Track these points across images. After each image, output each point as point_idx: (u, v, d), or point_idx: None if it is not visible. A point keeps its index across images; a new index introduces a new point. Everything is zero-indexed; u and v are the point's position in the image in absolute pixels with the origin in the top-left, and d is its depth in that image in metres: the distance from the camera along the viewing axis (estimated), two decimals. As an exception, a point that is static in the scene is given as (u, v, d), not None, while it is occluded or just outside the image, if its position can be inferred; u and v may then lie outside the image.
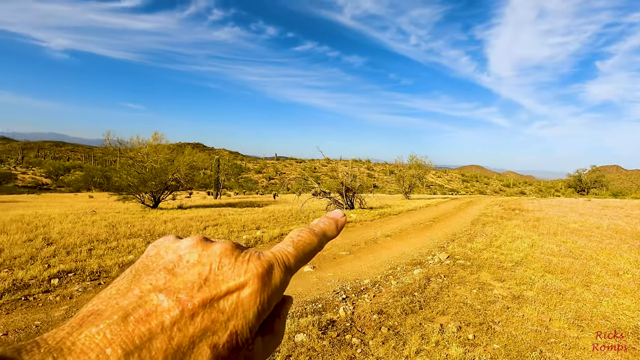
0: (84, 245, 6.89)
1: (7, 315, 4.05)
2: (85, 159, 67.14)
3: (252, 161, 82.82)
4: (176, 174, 14.99)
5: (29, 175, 37.52)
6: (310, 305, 4.36)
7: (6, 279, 4.85)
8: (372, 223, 11.91)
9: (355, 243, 8.41)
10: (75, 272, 5.35)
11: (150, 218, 10.99)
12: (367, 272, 5.96)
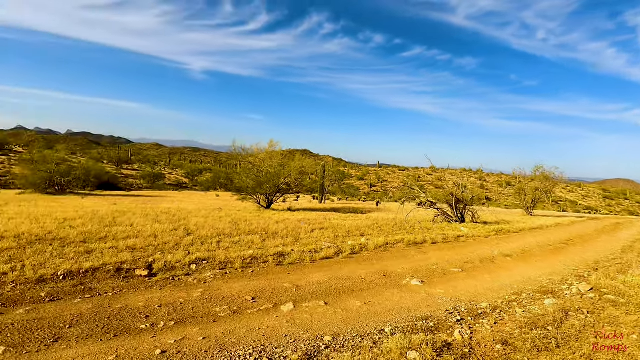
0: (214, 237, 7.94)
1: (161, 290, 4.92)
2: (214, 163, 78.10)
3: (355, 168, 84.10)
4: (287, 178, 16.21)
5: (174, 175, 45.61)
6: (421, 322, 4.13)
7: (160, 260, 5.92)
8: (487, 240, 10.75)
9: (468, 260, 7.70)
10: (208, 260, 6.20)
11: (264, 217, 12.09)
12: (484, 294, 5.37)
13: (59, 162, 22.63)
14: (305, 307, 4.53)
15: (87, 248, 6.32)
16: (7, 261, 5.38)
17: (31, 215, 9.44)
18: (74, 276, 5.12)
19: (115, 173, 35.34)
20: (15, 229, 7.14)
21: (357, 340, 3.64)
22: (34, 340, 3.42)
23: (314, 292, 5.16)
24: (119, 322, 3.89)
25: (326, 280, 5.71)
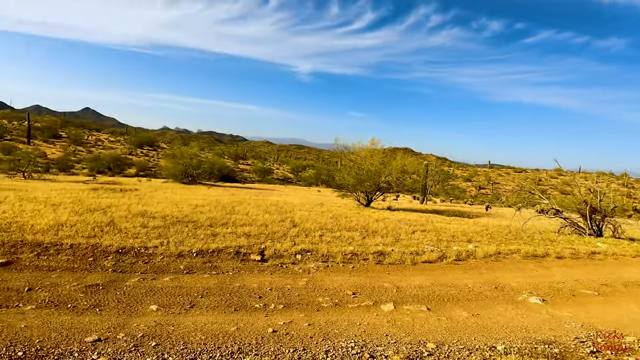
0: (317, 231, 8.36)
1: (271, 275, 5.43)
2: (316, 160, 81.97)
3: (461, 168, 77.95)
4: (388, 177, 15.99)
5: (281, 171, 49.54)
6: (542, 345, 3.63)
7: (271, 247, 6.52)
8: (634, 260, 8.78)
9: (606, 282, 6.42)
10: (312, 252, 6.57)
11: (364, 215, 12.19)
12: (629, 325, 4.42)
13: (192, 157, 26.78)
14: (406, 310, 4.44)
15: (213, 231, 7.34)
16: (157, 237, 6.64)
17: (172, 200, 11.43)
18: (203, 254, 6.03)
19: (233, 167, 40.15)
20: (162, 211, 8.74)
21: (463, 353, 3.40)
22: (176, 304, 4.17)
23: (415, 295, 5.00)
24: (238, 299, 4.44)
25: (428, 285, 5.47)
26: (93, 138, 47.60)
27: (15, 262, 5.16)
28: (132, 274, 5.09)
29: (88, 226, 6.79)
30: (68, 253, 5.63)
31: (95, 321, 3.60)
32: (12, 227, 6.38)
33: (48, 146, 37.63)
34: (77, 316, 3.70)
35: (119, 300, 4.17)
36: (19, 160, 21.12)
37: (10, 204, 8.36)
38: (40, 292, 4.25)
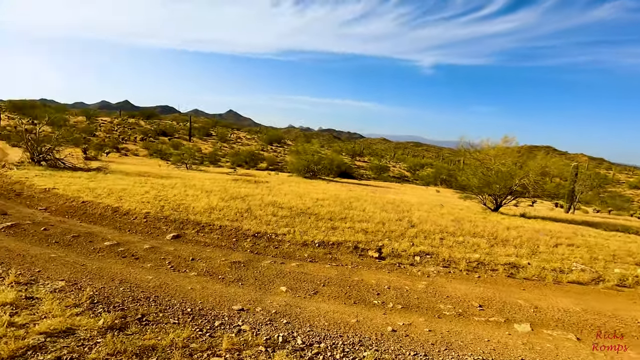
0: (437, 233, 7.93)
1: (389, 274, 5.41)
2: (435, 158, 77.52)
3: (626, 171, 62.51)
4: (524, 179, 13.98)
5: (397, 169, 48.65)
6: None
7: (388, 246, 6.49)
8: None
9: None
10: (432, 255, 6.27)
11: (492, 221, 10.97)
12: None
13: (313, 153, 28.68)
14: (547, 335, 3.82)
15: (333, 225, 7.72)
16: (285, 225, 7.35)
17: (297, 193, 12.46)
18: (324, 246, 6.40)
19: (350, 164, 41.34)
20: (289, 203, 9.62)
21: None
22: (302, 289, 4.55)
23: (559, 319, 4.27)
24: (357, 293, 4.57)
25: (578, 310, 4.59)
26: (234, 136, 55.59)
27: (183, 236, 6.46)
28: (265, 256, 5.78)
29: (232, 211, 7.98)
30: (217, 233, 6.74)
31: (239, 293, 4.23)
32: (180, 207, 7.99)
33: (203, 143, 45.65)
34: (225, 286, 4.41)
35: (256, 278, 4.79)
36: (183, 154, 26.25)
37: (178, 189, 10.46)
38: (200, 262, 5.21)
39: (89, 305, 3.45)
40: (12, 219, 6.56)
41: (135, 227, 6.83)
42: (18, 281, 3.80)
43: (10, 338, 2.67)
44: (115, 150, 32.00)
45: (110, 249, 5.47)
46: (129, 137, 40.66)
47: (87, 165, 16.62)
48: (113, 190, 9.31)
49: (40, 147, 15.08)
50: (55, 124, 23.05)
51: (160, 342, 2.89)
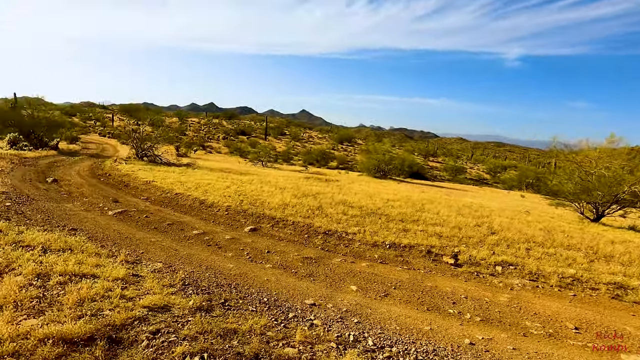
0: (522, 242, 7.20)
1: (466, 283, 5.08)
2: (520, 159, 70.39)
3: None
4: (635, 185, 11.92)
5: (475, 170, 45.28)
6: None
7: (465, 252, 6.09)
8: None
9: None
10: (516, 267, 5.72)
11: (590, 232, 9.59)
12: None
13: (384, 152, 28.19)
14: (666, 372, 3.23)
15: (404, 227, 7.50)
16: (355, 225, 7.35)
17: (367, 193, 12.37)
18: (395, 247, 6.25)
19: (423, 164, 39.70)
20: (359, 202, 9.60)
21: None
22: (372, 290, 4.51)
23: (682, 356, 3.57)
24: (430, 299, 4.38)
25: None
26: (306, 135, 57.29)
27: (259, 230, 6.87)
28: (335, 254, 5.85)
29: (304, 208, 8.24)
30: (290, 228, 7.03)
31: (310, 288, 4.36)
32: (257, 202, 8.50)
33: (277, 141, 47.95)
34: (298, 280, 4.58)
35: (327, 275, 4.88)
36: (259, 152, 27.90)
37: (255, 185, 11.14)
38: (274, 255, 5.49)
39: (181, 287, 3.86)
40: (121, 207, 7.66)
41: (218, 218, 7.46)
42: (127, 260, 4.43)
43: (122, 308, 3.13)
44: (201, 148, 35.32)
45: (197, 237, 6.06)
46: (213, 136, 44.52)
47: (179, 161, 18.63)
48: (200, 184, 10.28)
49: (143, 144, 17.32)
50: (154, 124, 26.30)
51: (241, 327, 3.12)
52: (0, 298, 3.05)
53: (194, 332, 2.92)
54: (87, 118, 48.14)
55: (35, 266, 3.75)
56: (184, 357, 2.60)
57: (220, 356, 2.67)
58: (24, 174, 10.42)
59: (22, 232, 4.89)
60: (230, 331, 3.03)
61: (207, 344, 2.79)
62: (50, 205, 7.11)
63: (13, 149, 16.23)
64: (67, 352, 2.50)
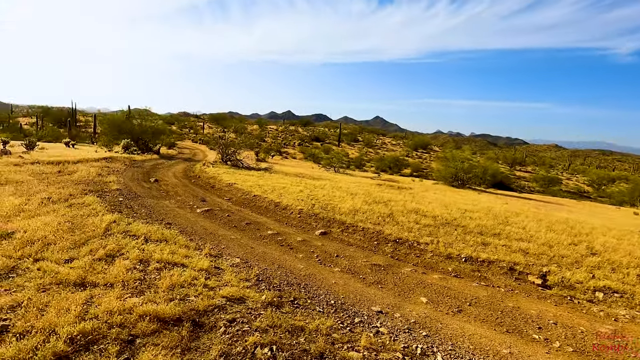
0: (632, 267, 6.12)
1: (555, 307, 4.50)
2: (634, 170, 59.91)
3: None
4: None
5: (572, 182, 39.79)
6: None
7: (556, 273, 5.40)
8: None
9: None
10: (622, 295, 4.89)
11: None
12: None
13: (463, 160, 26.47)
14: None
15: (483, 240, 6.94)
16: (428, 234, 7.04)
17: (442, 202, 11.74)
18: (472, 262, 5.83)
19: (508, 174, 36.23)
20: (432, 211, 9.16)
21: None
22: (444, 303, 4.28)
23: None
24: (510, 320, 3.99)
25: None
26: (379, 142, 56.64)
27: (329, 234, 7.00)
28: (405, 263, 5.68)
29: (374, 215, 8.16)
30: (360, 234, 7.02)
31: (378, 295, 4.31)
32: (328, 207, 8.68)
33: (350, 148, 48.29)
34: (365, 286, 4.56)
35: (395, 284, 4.76)
36: (332, 158, 28.42)
37: (327, 190, 11.38)
38: (343, 259, 5.55)
39: (255, 282, 4.14)
40: (208, 205, 8.48)
41: (291, 220, 7.80)
42: (210, 253, 4.90)
43: (205, 296, 3.47)
44: (278, 153, 37.28)
45: (271, 237, 6.42)
46: (289, 143, 46.66)
47: (258, 165, 19.94)
48: (275, 188, 10.87)
49: (227, 150, 18.94)
50: (238, 131, 28.58)
51: (308, 325, 3.23)
52: (112, 277, 3.63)
53: (265, 325, 3.11)
54: (183, 126, 54.36)
55: (139, 253, 4.37)
56: (255, 347, 2.78)
57: (288, 350, 2.80)
58: (133, 174, 12.19)
59: (130, 224, 5.74)
60: (298, 328, 3.15)
61: (276, 337, 2.94)
62: (152, 202, 8.19)
63: (126, 152, 19.11)
64: (160, 328, 2.86)
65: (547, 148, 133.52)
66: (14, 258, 3.78)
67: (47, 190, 7.36)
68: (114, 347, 2.56)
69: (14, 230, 4.59)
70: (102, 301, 3.10)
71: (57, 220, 5.25)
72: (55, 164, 11.76)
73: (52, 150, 17.61)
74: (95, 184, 9.18)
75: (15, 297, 3.02)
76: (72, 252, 4.17)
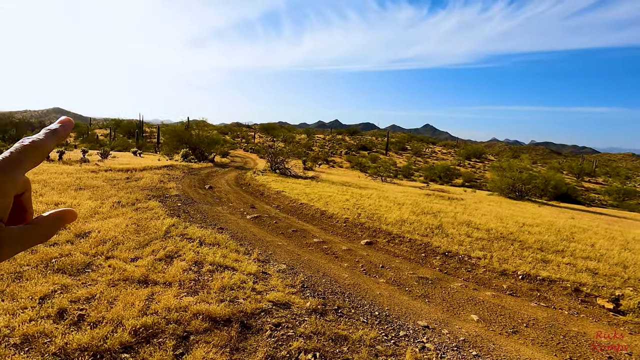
0: None
1: (630, 336, 4.02)
2: None
3: None
4: None
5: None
6: None
7: (632, 298, 4.82)
8: None
9: None
10: None
11: None
12: None
13: (521, 170, 24.70)
14: None
15: (544, 257, 6.41)
16: (480, 248, 6.67)
17: (497, 214, 11.05)
18: (530, 280, 5.41)
19: (575, 185, 33.07)
20: (486, 224, 8.66)
21: None
22: (497, 323, 4.02)
23: None
24: (575, 347, 3.64)
25: None
26: (429, 150, 54.88)
27: (375, 244, 6.92)
28: (455, 278, 5.43)
29: (422, 226, 7.92)
30: (407, 245, 6.85)
31: (424, 309, 4.17)
32: (374, 217, 8.59)
33: (398, 157, 47.38)
34: (412, 300, 4.43)
35: (443, 299, 4.58)
36: (379, 167, 28.08)
37: (373, 200, 11.26)
38: (388, 271, 5.45)
39: (300, 288, 4.22)
40: (257, 212, 8.82)
41: (336, 229, 7.83)
42: (258, 258, 5.09)
43: (252, 299, 3.62)
44: (325, 162, 37.65)
45: (317, 245, 6.50)
46: (336, 151, 46.94)
47: (305, 174, 20.31)
48: (322, 196, 11.00)
49: (276, 158, 19.56)
50: (286, 140, 29.42)
51: (351, 335, 3.22)
52: (170, 276, 3.92)
53: (309, 332, 3.16)
54: (236, 136, 57.17)
55: (194, 255, 4.67)
56: (299, 352, 2.84)
57: (331, 358, 2.82)
58: (190, 181, 13.06)
59: (187, 227, 6.16)
60: (341, 337, 3.16)
61: (319, 344, 2.98)
62: (206, 207, 8.71)
63: (184, 161, 20.54)
64: (211, 327, 3.04)
65: (623, 157, 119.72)
66: (89, 255, 4.25)
67: (117, 195, 8.15)
68: (170, 341, 2.76)
69: (90, 230, 5.16)
70: (162, 298, 3.37)
71: (125, 222, 5.80)
72: (124, 171, 13.00)
73: (122, 159, 19.48)
74: (158, 190, 9.98)
75: (90, 290, 3.40)
76: (137, 252, 4.58)
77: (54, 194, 7.28)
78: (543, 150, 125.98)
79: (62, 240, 4.59)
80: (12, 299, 3.06)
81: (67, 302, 3.10)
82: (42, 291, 3.20)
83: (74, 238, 4.77)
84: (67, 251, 4.25)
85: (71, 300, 3.15)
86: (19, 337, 2.54)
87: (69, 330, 2.73)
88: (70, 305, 3.08)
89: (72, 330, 2.74)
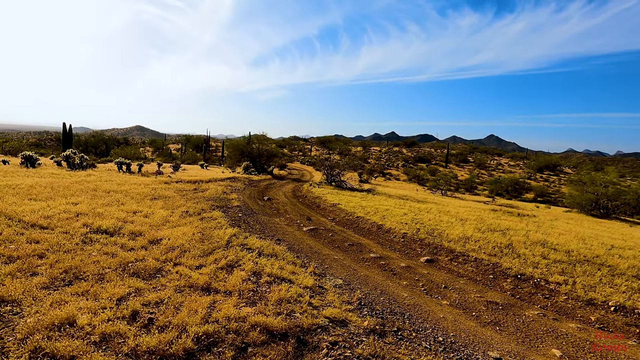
0: None
1: None
2: None
3: None
4: None
5: None
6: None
7: None
8: None
9: None
10: None
11: None
12: None
13: (606, 184, 21.85)
14: None
15: None
16: (560, 272, 5.93)
17: (577, 234, 9.81)
18: (626, 312, 4.65)
19: (676, 202, 28.30)
20: (565, 245, 7.71)
21: None
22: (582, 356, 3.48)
23: None
24: (692, 400, 2.99)
25: None
26: (494, 162, 51.23)
27: (436, 262, 6.51)
28: (530, 305, 4.87)
29: (489, 244, 7.29)
30: (472, 265, 6.34)
31: (495, 339, 3.76)
32: (434, 232, 8.13)
33: (459, 169, 44.93)
34: (480, 326, 4.04)
35: (517, 328, 4.10)
36: (438, 180, 26.81)
37: (433, 214, 10.70)
38: (452, 292, 5.06)
39: (358, 306, 4.08)
40: (313, 224, 8.86)
41: (394, 244, 7.54)
42: (315, 272, 5.05)
43: (309, 314, 3.57)
44: (381, 174, 37.01)
45: (374, 260, 6.29)
46: (393, 164, 45.95)
47: (361, 186, 20.09)
48: (378, 210, 10.73)
49: (332, 171, 19.67)
50: (342, 153, 29.52)
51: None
52: (230, 285, 4.04)
53: (367, 354, 3.01)
54: (293, 149, 58.86)
55: (253, 265, 4.78)
56: (357, 375, 2.70)
57: (391, 386, 2.64)
58: (250, 193, 13.63)
59: (247, 237, 6.36)
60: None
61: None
62: (265, 218, 8.97)
63: (245, 173, 21.58)
64: (268, 340, 3.04)
65: None
66: (160, 261, 4.56)
67: (185, 205, 8.76)
68: (229, 352, 2.80)
69: (161, 238, 5.56)
70: (222, 307, 3.47)
71: (192, 231, 6.17)
72: (192, 182, 14.00)
73: (191, 171, 21.06)
74: (221, 201, 10.54)
75: (159, 294, 3.62)
76: (201, 260, 4.81)
77: (133, 203, 8.03)
78: (633, 161, 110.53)
79: (137, 246, 5.01)
80: (95, 298, 3.36)
81: (140, 305, 3.32)
82: (120, 293, 3.48)
83: (147, 244, 5.17)
84: (141, 256, 4.60)
85: (143, 304, 3.37)
86: (98, 336, 2.76)
87: (140, 332, 2.91)
88: (142, 308, 3.29)
89: (142, 332, 2.91)
